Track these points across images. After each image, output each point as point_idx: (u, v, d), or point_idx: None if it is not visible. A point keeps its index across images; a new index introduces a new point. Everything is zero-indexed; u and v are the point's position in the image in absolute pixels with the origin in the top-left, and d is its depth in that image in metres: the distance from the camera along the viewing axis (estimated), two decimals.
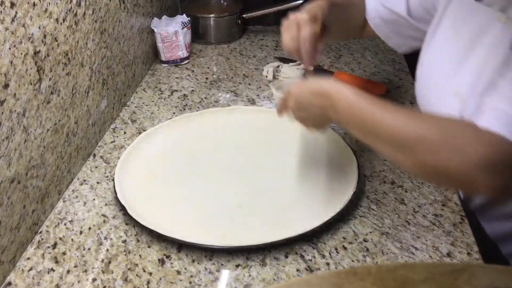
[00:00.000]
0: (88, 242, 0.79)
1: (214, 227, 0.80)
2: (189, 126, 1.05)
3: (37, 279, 0.73)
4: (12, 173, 0.72)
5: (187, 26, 1.32)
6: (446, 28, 0.79)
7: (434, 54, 0.82)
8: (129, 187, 0.87)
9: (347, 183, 0.86)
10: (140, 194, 0.86)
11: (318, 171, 0.92)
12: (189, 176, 0.92)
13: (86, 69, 0.94)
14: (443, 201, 0.86)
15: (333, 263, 0.75)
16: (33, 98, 0.76)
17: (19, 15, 0.70)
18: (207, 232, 0.79)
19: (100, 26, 0.99)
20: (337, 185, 0.87)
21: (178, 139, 1.01)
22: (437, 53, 0.81)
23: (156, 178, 0.91)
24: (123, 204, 0.82)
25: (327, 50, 1.42)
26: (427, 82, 0.83)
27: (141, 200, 0.85)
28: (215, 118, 1.07)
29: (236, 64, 1.35)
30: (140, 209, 0.82)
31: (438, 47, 0.81)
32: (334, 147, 0.97)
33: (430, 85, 0.82)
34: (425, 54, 0.85)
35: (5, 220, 0.72)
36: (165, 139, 1.01)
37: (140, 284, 0.72)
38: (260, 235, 0.76)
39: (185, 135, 1.03)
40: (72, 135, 0.90)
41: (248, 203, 0.85)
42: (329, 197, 0.85)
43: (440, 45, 0.81)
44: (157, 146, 0.99)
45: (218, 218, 0.82)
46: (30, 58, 0.74)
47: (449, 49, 0.78)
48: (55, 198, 0.86)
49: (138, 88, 1.23)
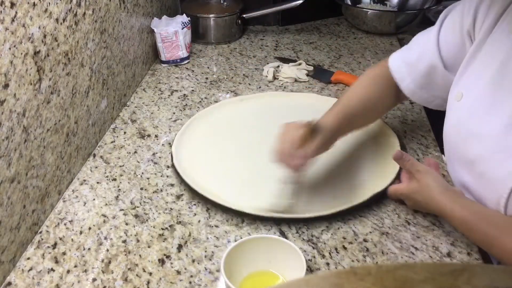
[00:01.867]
0: (88, 242, 0.79)
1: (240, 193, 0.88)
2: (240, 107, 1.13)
3: (37, 279, 0.73)
4: (12, 173, 0.72)
5: (187, 26, 1.32)
6: (481, 65, 0.77)
7: (469, 93, 0.79)
8: (184, 159, 0.95)
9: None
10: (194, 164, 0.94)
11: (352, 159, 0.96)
12: (236, 152, 1.00)
13: (86, 69, 0.94)
14: None
15: (333, 263, 0.75)
16: (33, 98, 0.76)
17: (19, 15, 0.70)
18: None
19: (100, 26, 0.99)
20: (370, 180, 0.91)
21: (229, 119, 1.09)
22: (471, 93, 0.78)
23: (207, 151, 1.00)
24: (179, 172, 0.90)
25: (327, 50, 1.42)
26: (461, 122, 0.79)
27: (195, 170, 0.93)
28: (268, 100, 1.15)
29: (236, 64, 1.35)
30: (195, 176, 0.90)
31: (471, 86, 0.78)
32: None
33: (464, 126, 0.79)
34: (454, 92, 0.82)
35: (5, 220, 0.72)
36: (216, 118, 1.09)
37: (140, 284, 0.72)
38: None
39: (235, 116, 1.10)
40: (72, 135, 0.90)
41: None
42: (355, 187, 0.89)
43: (474, 82, 0.78)
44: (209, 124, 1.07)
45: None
46: (30, 58, 0.74)
47: (483, 87, 0.76)
48: (55, 198, 0.86)
49: (138, 88, 1.23)
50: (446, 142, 0.84)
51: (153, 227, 0.82)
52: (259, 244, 0.71)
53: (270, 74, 1.26)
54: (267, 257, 0.70)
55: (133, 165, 0.97)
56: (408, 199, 0.82)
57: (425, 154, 0.97)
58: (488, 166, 0.73)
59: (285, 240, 0.70)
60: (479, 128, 0.75)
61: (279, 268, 0.70)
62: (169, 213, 0.85)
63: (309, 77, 1.27)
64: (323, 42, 1.47)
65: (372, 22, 1.49)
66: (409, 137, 1.03)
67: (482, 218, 0.71)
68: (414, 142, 1.01)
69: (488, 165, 0.73)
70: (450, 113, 0.83)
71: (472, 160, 0.75)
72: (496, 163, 0.71)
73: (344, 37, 1.51)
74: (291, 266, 0.69)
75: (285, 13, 1.52)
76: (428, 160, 0.86)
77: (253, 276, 0.69)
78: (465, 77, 0.80)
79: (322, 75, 1.27)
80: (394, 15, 1.49)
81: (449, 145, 0.83)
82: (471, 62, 0.79)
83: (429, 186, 0.77)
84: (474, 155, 0.75)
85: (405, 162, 0.82)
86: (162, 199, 0.88)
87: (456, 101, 0.80)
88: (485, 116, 0.74)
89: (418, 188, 0.79)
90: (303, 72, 1.27)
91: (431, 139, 1.02)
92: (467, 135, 0.77)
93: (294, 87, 1.23)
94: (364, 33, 1.53)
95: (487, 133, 0.73)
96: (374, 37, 1.50)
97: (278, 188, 0.85)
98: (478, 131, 0.75)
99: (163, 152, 1.00)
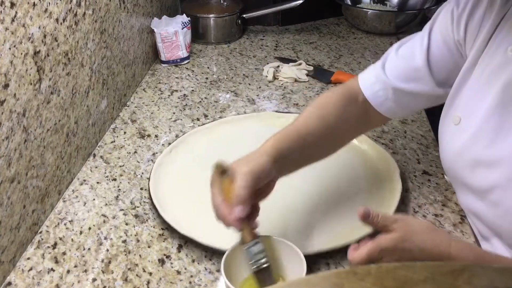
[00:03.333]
0: (88, 242, 0.79)
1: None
2: (224, 131, 1.04)
3: (37, 279, 0.73)
4: (12, 173, 0.72)
5: (187, 26, 1.32)
6: (478, 85, 0.70)
7: (469, 116, 0.71)
8: (162, 188, 0.88)
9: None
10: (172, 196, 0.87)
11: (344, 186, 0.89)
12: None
13: (86, 69, 0.94)
14: (443, 201, 0.86)
15: (333, 263, 0.75)
16: (33, 98, 0.76)
17: (19, 15, 0.70)
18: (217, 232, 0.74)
19: (100, 26, 0.99)
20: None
21: (211, 144, 1.01)
22: (472, 116, 0.71)
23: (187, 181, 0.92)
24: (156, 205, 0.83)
25: (327, 50, 1.42)
26: (465, 149, 0.72)
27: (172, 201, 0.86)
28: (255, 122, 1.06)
29: (236, 64, 1.35)
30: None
31: (471, 108, 0.71)
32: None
33: (469, 152, 0.71)
34: (449, 114, 0.75)
35: (5, 220, 0.72)
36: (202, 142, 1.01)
37: (140, 284, 0.72)
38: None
39: (220, 140, 1.02)
40: (72, 135, 0.90)
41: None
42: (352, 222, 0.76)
43: (474, 105, 0.71)
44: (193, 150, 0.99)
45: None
46: (30, 58, 0.74)
47: (486, 109, 0.68)
48: (55, 198, 0.86)
49: (138, 88, 1.23)
50: (449, 169, 0.77)
51: (153, 227, 0.82)
52: None
53: (270, 74, 1.26)
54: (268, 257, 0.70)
55: (133, 165, 0.96)
56: (393, 253, 0.64)
57: (425, 154, 0.97)
58: (505, 195, 0.65)
59: (285, 241, 0.70)
60: (489, 155, 0.68)
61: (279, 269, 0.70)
62: None
63: (309, 77, 1.27)
64: (323, 42, 1.47)
65: (372, 22, 1.49)
66: (409, 137, 1.03)
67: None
68: (414, 142, 1.01)
69: (505, 194, 0.65)
70: (447, 136, 0.75)
71: (484, 189, 0.69)
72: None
73: (344, 37, 1.51)
74: (291, 267, 0.69)
75: (285, 13, 1.52)
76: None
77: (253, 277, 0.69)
78: (460, 97, 0.73)
79: (322, 75, 1.27)
80: (394, 15, 1.49)
81: (453, 172, 0.75)
82: (465, 81, 0.72)
83: (417, 231, 0.65)
84: (486, 184, 0.68)
85: (374, 219, 0.65)
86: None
87: (454, 124, 0.73)
88: (492, 142, 0.67)
89: (405, 236, 0.64)
90: (303, 72, 1.27)
91: (431, 139, 1.02)
92: (475, 162, 0.69)
93: (294, 87, 1.23)
94: (364, 33, 1.53)
95: (499, 160, 0.66)
96: (374, 37, 1.50)
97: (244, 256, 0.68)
98: (489, 158, 0.67)
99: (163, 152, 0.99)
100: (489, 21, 0.68)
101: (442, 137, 0.77)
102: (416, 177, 0.92)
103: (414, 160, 0.96)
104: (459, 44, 0.73)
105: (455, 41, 0.73)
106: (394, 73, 0.79)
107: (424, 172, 0.93)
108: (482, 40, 0.69)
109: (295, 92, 1.21)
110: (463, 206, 0.77)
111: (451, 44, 0.74)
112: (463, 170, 0.72)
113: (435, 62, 0.76)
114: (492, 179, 0.67)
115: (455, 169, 0.74)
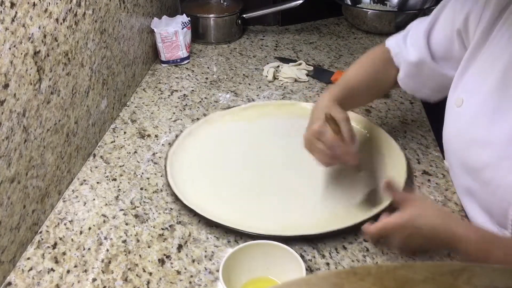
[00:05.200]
0: (88, 242, 0.79)
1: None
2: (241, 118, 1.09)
3: (37, 279, 0.73)
4: (12, 173, 0.72)
5: (187, 26, 1.32)
6: (481, 69, 0.76)
7: (470, 99, 0.77)
8: (178, 173, 0.91)
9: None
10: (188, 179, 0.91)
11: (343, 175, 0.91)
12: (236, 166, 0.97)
13: (86, 69, 0.94)
14: (443, 201, 0.86)
15: (333, 263, 0.75)
16: (33, 98, 0.76)
17: (19, 15, 0.70)
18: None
19: (100, 26, 0.99)
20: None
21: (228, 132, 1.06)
22: (472, 98, 0.76)
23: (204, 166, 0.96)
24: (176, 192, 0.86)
25: (327, 50, 1.42)
26: (464, 129, 0.77)
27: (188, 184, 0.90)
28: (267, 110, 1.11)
29: (236, 64, 1.35)
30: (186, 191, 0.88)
31: (472, 91, 0.77)
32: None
33: (467, 132, 0.76)
34: (453, 97, 0.81)
35: (5, 220, 0.72)
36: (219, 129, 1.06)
37: (140, 284, 0.72)
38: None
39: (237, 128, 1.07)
40: (72, 135, 0.90)
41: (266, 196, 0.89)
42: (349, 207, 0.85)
43: (475, 88, 0.76)
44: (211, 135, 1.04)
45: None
46: (30, 58, 0.74)
47: (485, 93, 0.73)
48: (55, 198, 0.86)
49: (138, 88, 1.23)
50: (448, 149, 0.83)
51: (153, 227, 0.82)
52: (257, 250, 0.70)
53: (270, 74, 1.26)
54: (266, 263, 0.70)
55: (133, 165, 0.97)
56: (403, 229, 0.70)
57: (425, 154, 0.97)
58: (496, 173, 0.71)
59: (284, 245, 0.70)
60: (484, 135, 0.73)
61: (277, 274, 0.70)
62: (169, 213, 0.85)
63: (309, 77, 1.27)
64: (323, 42, 1.47)
65: (372, 22, 1.49)
66: (409, 137, 1.03)
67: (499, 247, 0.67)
68: (414, 142, 1.01)
69: (496, 172, 0.71)
70: (450, 118, 0.81)
71: (478, 168, 0.74)
72: (504, 171, 0.69)
73: (344, 37, 1.51)
74: (290, 272, 0.68)
75: (285, 13, 1.52)
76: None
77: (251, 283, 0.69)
78: (464, 81, 0.78)
79: (322, 75, 1.27)
80: (394, 15, 1.49)
81: (452, 152, 0.81)
82: (469, 65, 0.77)
83: (430, 210, 0.72)
84: (479, 163, 0.73)
85: (396, 192, 0.76)
86: (162, 199, 0.88)
87: (456, 106, 0.78)
88: (489, 123, 0.72)
89: (419, 212, 0.70)
90: (303, 72, 1.27)
91: (431, 139, 1.02)
92: (471, 142, 0.75)
93: (294, 87, 1.23)
94: (364, 33, 1.52)
95: (493, 140, 0.71)
96: (374, 37, 1.50)
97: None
98: (483, 138, 0.73)
99: (163, 152, 1.00)
100: (492, 8, 0.73)
101: (446, 120, 0.82)
102: (416, 177, 0.92)
103: (414, 160, 0.96)
104: (458, 32, 0.79)
105: (456, 29, 0.79)
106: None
107: (424, 172, 0.93)
108: (486, 26, 0.74)
109: (295, 92, 1.21)
110: (458, 187, 0.82)
111: (452, 29, 0.81)
112: (461, 150, 0.77)
113: (435, 36, 0.85)
114: (485, 157, 0.72)
115: (454, 150, 0.80)
